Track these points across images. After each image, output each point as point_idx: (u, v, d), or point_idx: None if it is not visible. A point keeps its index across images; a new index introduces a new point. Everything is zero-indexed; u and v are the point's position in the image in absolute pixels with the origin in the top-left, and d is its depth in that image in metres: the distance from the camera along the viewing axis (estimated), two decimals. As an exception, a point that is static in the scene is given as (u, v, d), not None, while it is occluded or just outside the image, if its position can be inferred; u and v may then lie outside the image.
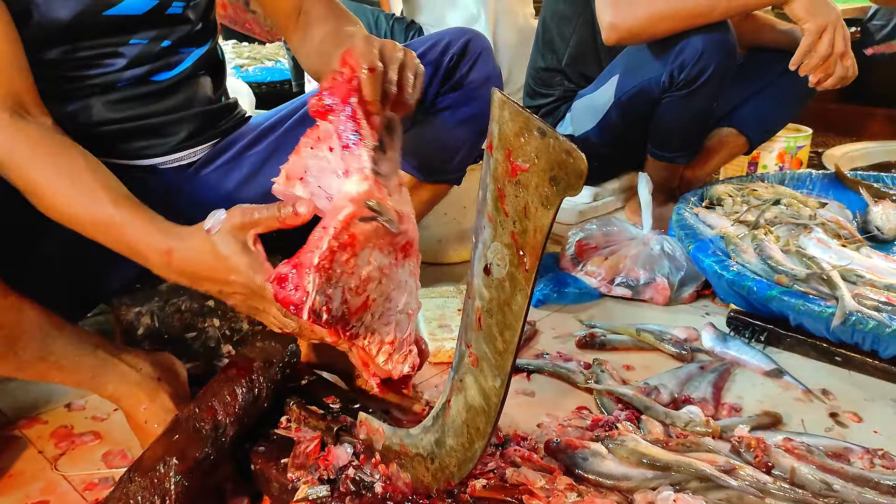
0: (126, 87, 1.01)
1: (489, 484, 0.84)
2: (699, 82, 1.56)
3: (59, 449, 1.02)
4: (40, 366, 0.89)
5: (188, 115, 1.09)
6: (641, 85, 1.65)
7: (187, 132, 1.09)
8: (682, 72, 1.56)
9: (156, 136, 1.06)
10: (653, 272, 1.52)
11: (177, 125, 1.08)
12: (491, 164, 0.61)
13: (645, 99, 1.66)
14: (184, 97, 1.07)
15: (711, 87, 1.57)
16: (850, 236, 1.48)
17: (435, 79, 1.06)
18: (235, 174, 1.13)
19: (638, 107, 1.69)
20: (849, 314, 1.13)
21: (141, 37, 1.00)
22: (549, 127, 0.56)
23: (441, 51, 1.05)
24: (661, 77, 1.59)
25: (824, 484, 0.91)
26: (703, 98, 1.60)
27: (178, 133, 1.08)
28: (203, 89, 1.11)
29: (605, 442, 0.94)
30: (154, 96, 1.04)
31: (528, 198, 0.59)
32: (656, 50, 1.61)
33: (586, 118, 1.81)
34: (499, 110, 0.59)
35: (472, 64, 1.06)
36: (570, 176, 0.55)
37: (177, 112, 1.07)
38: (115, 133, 1.02)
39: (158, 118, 1.05)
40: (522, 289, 0.62)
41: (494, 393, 0.68)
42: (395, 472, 0.82)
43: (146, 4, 0.98)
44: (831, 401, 1.15)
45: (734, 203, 1.61)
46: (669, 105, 1.63)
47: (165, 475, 0.79)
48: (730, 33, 1.56)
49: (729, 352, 1.28)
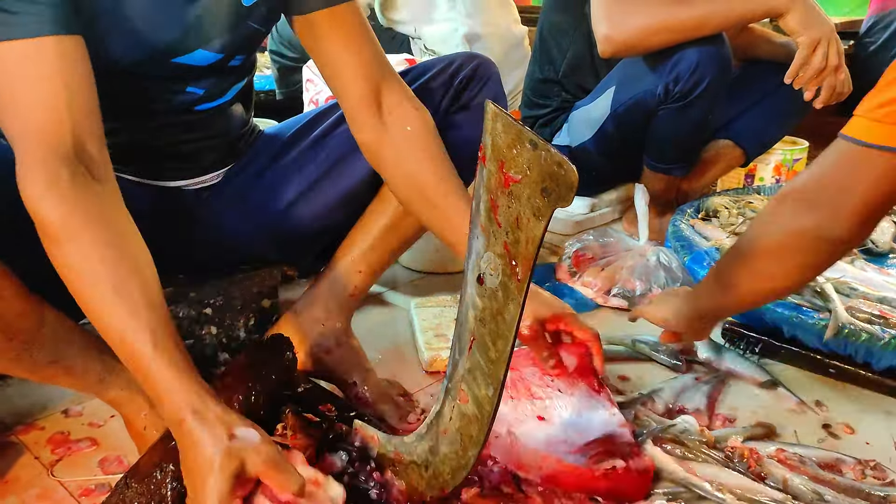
0: (167, 114, 1.00)
1: (482, 491, 0.85)
2: (694, 94, 1.57)
3: (55, 455, 1.02)
4: (51, 369, 0.89)
5: (219, 142, 1.10)
6: (637, 97, 1.67)
7: (214, 158, 1.11)
8: (678, 84, 1.57)
9: (187, 160, 1.08)
10: (649, 283, 1.53)
11: (206, 151, 1.09)
12: (484, 174, 0.63)
13: (641, 111, 1.67)
14: (220, 126, 1.08)
15: (706, 99, 1.59)
16: (845, 249, 1.49)
17: (445, 98, 1.09)
18: (253, 193, 1.14)
19: (634, 118, 1.70)
20: (842, 326, 1.14)
21: (199, 86, 0.99)
22: (541, 139, 0.57)
23: (452, 73, 1.09)
24: (657, 89, 1.60)
25: (816, 494, 0.92)
26: (698, 110, 1.61)
27: (208, 157, 1.10)
28: (236, 116, 1.12)
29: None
30: (192, 124, 1.04)
31: (520, 209, 0.60)
32: (651, 62, 1.63)
33: (583, 129, 1.82)
34: (492, 122, 0.60)
35: (481, 87, 1.10)
36: (562, 187, 0.56)
37: (210, 140, 1.08)
38: (147, 154, 1.03)
39: (192, 144, 1.06)
40: (515, 298, 0.63)
41: (487, 401, 0.69)
42: (390, 479, 0.83)
43: (212, 57, 0.96)
44: (824, 412, 1.16)
45: (730, 215, 1.62)
46: (665, 117, 1.64)
47: (162, 481, 0.80)
48: (724, 46, 1.57)
49: (724, 363, 1.28)
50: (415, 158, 0.97)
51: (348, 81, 0.97)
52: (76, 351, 0.90)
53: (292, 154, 1.14)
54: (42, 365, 0.88)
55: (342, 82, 0.98)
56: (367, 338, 1.19)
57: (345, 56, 0.96)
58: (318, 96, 1.73)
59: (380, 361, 1.27)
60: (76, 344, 0.90)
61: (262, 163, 1.14)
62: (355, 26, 0.97)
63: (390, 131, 0.97)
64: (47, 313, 0.86)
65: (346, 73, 0.97)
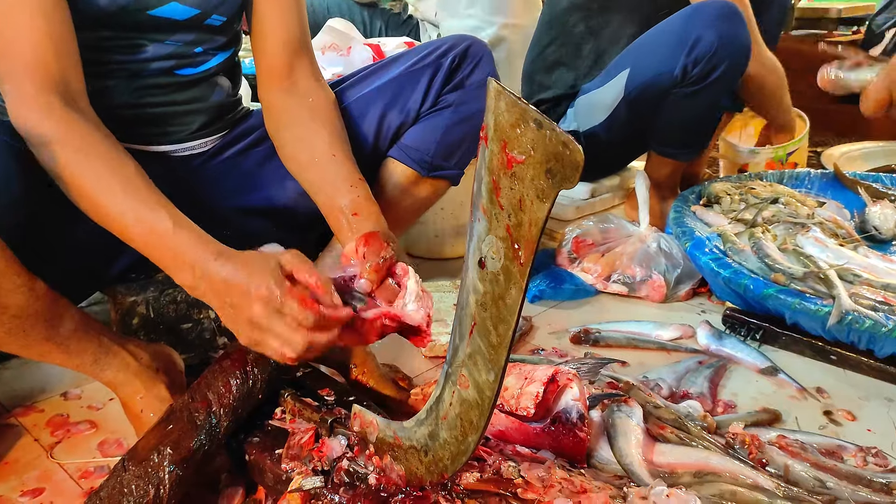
0: (149, 76, 1.03)
1: (483, 476, 0.84)
2: (711, 78, 1.55)
3: (54, 437, 1.02)
4: (45, 346, 0.89)
5: (203, 107, 1.11)
6: (653, 78, 1.63)
7: (200, 123, 1.11)
8: (697, 66, 1.54)
9: (171, 124, 1.08)
10: (649, 269, 1.53)
11: (191, 116, 1.10)
12: (486, 155, 0.61)
13: (654, 93, 1.63)
14: (202, 92, 1.10)
15: (722, 84, 1.56)
16: (848, 236, 1.48)
17: (437, 78, 1.10)
18: (244, 167, 1.15)
19: (647, 101, 1.66)
20: (845, 313, 1.14)
21: (176, 39, 1.03)
22: (546, 118, 0.55)
23: (442, 53, 1.10)
24: (675, 70, 1.57)
25: (818, 481, 0.91)
26: (711, 95, 1.59)
27: (192, 123, 1.10)
28: (220, 87, 1.14)
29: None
30: (174, 87, 1.06)
31: (523, 190, 0.59)
32: (669, 42, 1.60)
33: (593, 114, 1.79)
34: (495, 100, 0.59)
35: (474, 67, 1.11)
36: (567, 168, 0.55)
37: (193, 104, 1.09)
38: (132, 117, 1.04)
39: (175, 107, 1.08)
40: (517, 282, 0.62)
41: (488, 387, 0.68)
42: (389, 464, 0.82)
43: (188, 12, 1.01)
44: (826, 399, 1.15)
45: (732, 201, 1.61)
46: (677, 100, 1.61)
47: (160, 465, 0.79)
48: (744, 30, 1.55)
49: (724, 349, 1.28)
50: (311, 126, 1.03)
51: (270, 45, 1.06)
52: (71, 329, 0.90)
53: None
54: (36, 341, 0.88)
55: (264, 45, 1.07)
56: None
57: (274, 22, 1.06)
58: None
59: (379, 346, 1.26)
60: (71, 322, 0.90)
61: (252, 139, 1.14)
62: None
63: (295, 98, 1.06)
64: (40, 288, 0.86)
65: (271, 38, 1.06)
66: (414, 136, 1.14)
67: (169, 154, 1.10)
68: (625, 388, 1.08)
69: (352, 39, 1.90)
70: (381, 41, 1.85)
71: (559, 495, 0.85)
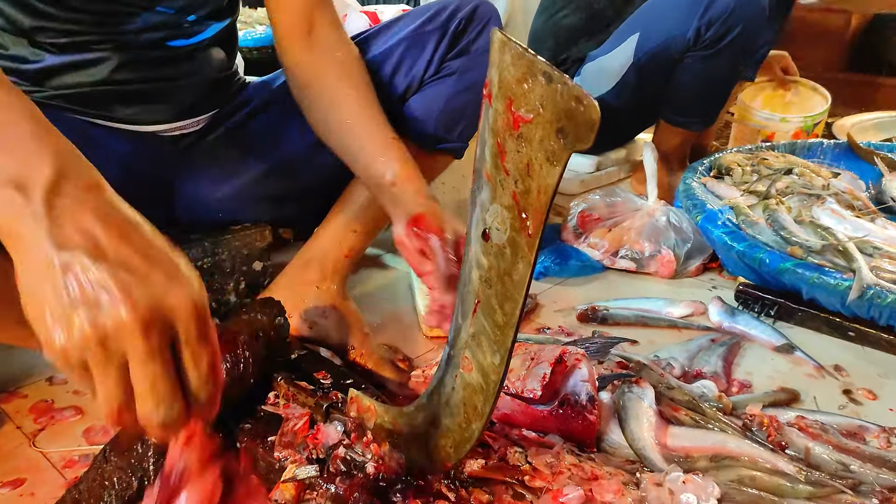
0: (139, 49, 0.96)
1: (488, 464, 0.80)
2: (725, 42, 1.48)
3: (38, 424, 0.97)
4: (22, 330, 0.84)
5: (195, 82, 1.04)
6: (665, 42, 1.56)
7: (192, 100, 1.05)
8: (710, 29, 1.47)
9: (160, 101, 1.02)
10: (658, 244, 1.47)
11: (183, 92, 1.04)
12: (490, 115, 0.56)
13: (666, 58, 1.57)
14: (195, 66, 1.03)
15: (736, 48, 1.50)
16: (864, 207, 1.43)
17: (441, 43, 1.03)
18: (240, 142, 1.08)
19: (658, 67, 1.60)
20: (866, 287, 1.08)
21: (168, 6, 0.96)
22: (557, 70, 0.49)
23: (449, 15, 1.03)
24: (687, 33, 1.50)
25: (840, 464, 0.87)
26: (727, 59, 1.52)
27: (184, 101, 1.04)
28: (215, 60, 1.07)
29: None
30: (166, 61, 0.99)
31: (531, 153, 0.53)
32: (683, 3, 1.52)
33: (600, 81, 1.72)
34: (499, 53, 0.53)
35: (481, 30, 1.04)
36: (580, 127, 0.49)
37: (185, 79, 1.03)
38: (118, 94, 0.98)
39: (166, 83, 1.01)
40: (525, 256, 0.56)
41: (494, 370, 0.63)
42: (388, 451, 0.77)
43: None
44: (844, 377, 1.10)
45: (744, 173, 1.55)
46: (691, 66, 1.55)
47: (143, 455, 0.75)
48: None
49: (737, 326, 1.23)
50: (338, 84, 0.95)
51: (287, 1, 0.97)
52: None
53: (280, 105, 1.08)
54: (10, 323, 0.82)
55: (279, 4, 0.97)
56: (364, 302, 1.13)
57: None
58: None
59: (378, 326, 1.22)
60: None
61: (247, 112, 1.08)
62: None
63: (319, 54, 0.97)
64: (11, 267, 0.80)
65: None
66: (415, 108, 1.08)
67: (157, 134, 1.04)
68: (636, 368, 1.03)
69: (347, 6, 1.83)
70: (377, 8, 1.78)
71: (569, 482, 0.80)
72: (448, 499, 0.74)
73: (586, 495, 0.78)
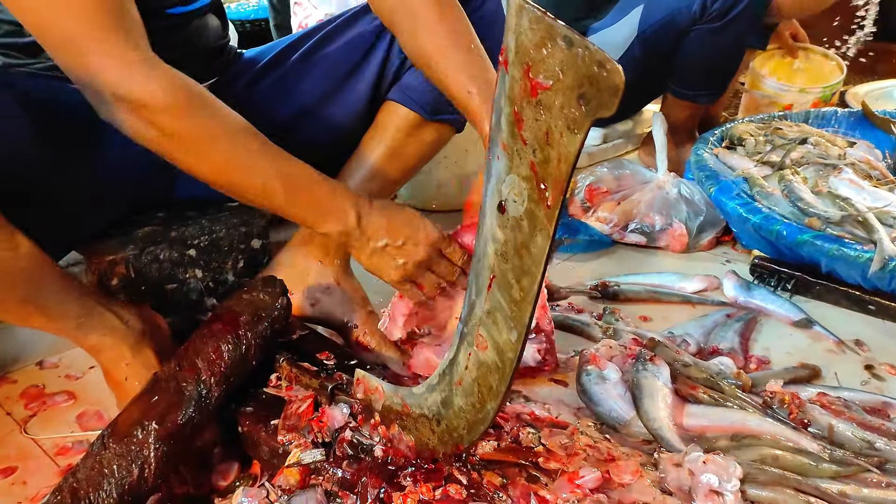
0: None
1: (500, 446, 0.77)
2: (733, 14, 1.44)
3: (29, 410, 0.95)
4: (25, 308, 0.82)
5: (192, 53, 0.99)
6: (670, 14, 1.52)
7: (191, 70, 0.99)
8: (716, 1, 1.43)
9: None
10: (669, 217, 1.43)
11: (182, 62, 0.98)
12: (506, 82, 0.52)
13: (672, 31, 1.53)
14: (191, 34, 0.99)
15: (745, 20, 1.46)
16: (882, 177, 1.38)
17: None
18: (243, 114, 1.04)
19: (663, 40, 1.56)
20: (888, 259, 1.05)
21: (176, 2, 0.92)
22: (578, 34, 0.46)
23: None
24: (693, 6, 1.46)
25: (865, 442, 0.84)
26: (734, 32, 1.49)
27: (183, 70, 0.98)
28: (211, 28, 1.03)
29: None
30: (164, 31, 0.93)
31: (550, 121, 0.49)
32: None
33: None
34: (516, 18, 0.49)
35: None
36: (603, 93, 0.46)
37: (182, 49, 0.97)
38: None
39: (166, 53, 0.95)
40: (544, 228, 0.52)
41: (510, 348, 0.60)
42: (397, 434, 0.74)
43: None
44: (865, 352, 1.07)
45: (757, 143, 1.50)
46: (697, 38, 1.51)
47: (144, 441, 0.72)
48: None
49: (753, 301, 1.20)
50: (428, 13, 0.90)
51: None
52: (52, 291, 0.83)
53: (274, 76, 1.05)
54: (15, 302, 0.81)
55: None
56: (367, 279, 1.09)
57: None
58: (308, 20, 1.59)
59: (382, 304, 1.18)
60: (53, 283, 0.83)
61: (243, 83, 1.04)
62: None
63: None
64: (22, 242, 0.78)
65: None
66: (416, 75, 1.03)
67: None
68: (649, 345, 1.00)
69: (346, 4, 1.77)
70: None
71: (584, 464, 0.77)
72: (460, 482, 0.71)
73: (603, 477, 0.75)
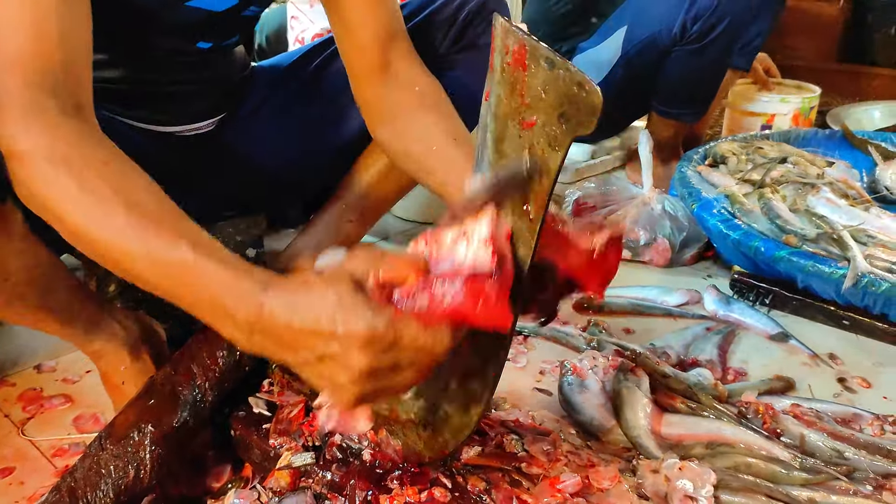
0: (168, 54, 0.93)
1: (484, 451, 0.80)
2: (712, 35, 1.48)
3: (26, 413, 0.96)
4: (38, 314, 0.84)
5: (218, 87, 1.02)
6: (652, 35, 1.56)
7: (211, 103, 1.03)
8: (696, 23, 1.47)
9: (182, 104, 1.00)
10: (653, 233, 1.47)
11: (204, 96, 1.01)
12: (492, 101, 0.55)
13: (654, 51, 1.57)
14: (219, 67, 1.01)
15: (724, 41, 1.50)
16: (859, 196, 1.43)
17: (449, 34, 1.00)
18: (253, 131, 1.07)
19: (646, 60, 1.60)
20: (861, 275, 1.08)
21: (209, 39, 0.93)
22: (559, 56, 0.49)
23: (457, 7, 0.99)
24: (674, 27, 1.50)
25: (835, 451, 0.87)
26: (715, 52, 1.53)
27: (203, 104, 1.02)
28: (238, 61, 1.05)
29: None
30: (193, 65, 0.96)
31: (533, 138, 0.53)
32: None
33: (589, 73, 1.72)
34: (502, 39, 0.52)
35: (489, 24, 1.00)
36: (583, 112, 0.49)
37: (209, 83, 1.00)
38: (140, 94, 0.95)
39: (190, 87, 0.98)
40: (526, 241, 0.56)
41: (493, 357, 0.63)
42: (385, 438, 0.77)
43: (226, 3, 0.89)
44: (839, 365, 1.11)
45: (739, 161, 1.54)
46: (679, 59, 1.55)
47: (140, 443, 0.74)
48: None
49: (732, 315, 1.23)
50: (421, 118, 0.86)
51: (362, 40, 0.87)
52: (65, 297, 0.86)
53: (289, 90, 1.07)
54: (31, 309, 0.83)
55: (355, 40, 0.88)
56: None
57: (364, 12, 0.86)
58: (304, 34, 1.63)
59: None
60: (66, 290, 0.86)
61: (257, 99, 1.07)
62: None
63: (398, 90, 0.88)
64: (42, 253, 0.81)
65: (362, 32, 0.87)
66: None
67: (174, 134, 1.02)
68: (631, 356, 1.03)
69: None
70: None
71: (565, 469, 0.81)
72: (445, 486, 0.74)
73: (583, 482, 0.78)
